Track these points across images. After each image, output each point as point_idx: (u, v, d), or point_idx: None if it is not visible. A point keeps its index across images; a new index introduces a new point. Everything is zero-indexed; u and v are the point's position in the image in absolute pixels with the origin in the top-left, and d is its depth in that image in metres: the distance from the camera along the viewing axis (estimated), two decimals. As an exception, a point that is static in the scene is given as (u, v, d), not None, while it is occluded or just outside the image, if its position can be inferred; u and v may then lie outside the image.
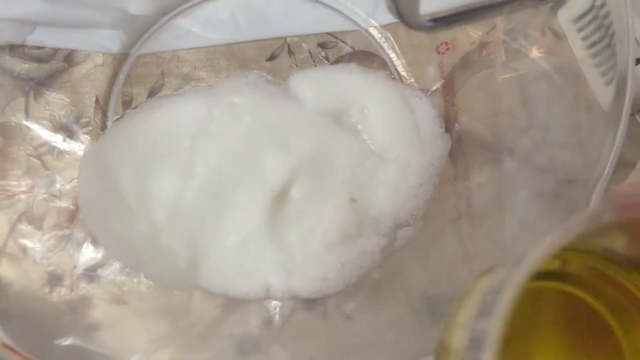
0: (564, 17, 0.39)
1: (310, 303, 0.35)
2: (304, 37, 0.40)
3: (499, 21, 0.38)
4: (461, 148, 0.38)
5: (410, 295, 0.34)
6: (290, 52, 0.40)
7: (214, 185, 0.36)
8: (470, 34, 0.38)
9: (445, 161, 0.38)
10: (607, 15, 0.36)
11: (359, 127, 0.38)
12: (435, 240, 0.36)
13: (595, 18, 0.37)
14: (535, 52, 0.38)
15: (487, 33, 0.38)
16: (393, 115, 0.38)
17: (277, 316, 0.34)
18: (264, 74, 0.39)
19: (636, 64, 0.32)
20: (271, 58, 0.40)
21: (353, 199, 0.36)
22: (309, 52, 0.40)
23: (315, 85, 0.38)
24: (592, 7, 0.37)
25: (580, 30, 0.37)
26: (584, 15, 0.37)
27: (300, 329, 0.34)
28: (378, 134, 0.38)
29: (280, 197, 0.35)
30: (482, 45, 0.38)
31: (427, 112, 0.39)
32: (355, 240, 0.35)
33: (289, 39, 0.40)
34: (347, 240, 0.35)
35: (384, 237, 0.36)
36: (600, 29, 0.36)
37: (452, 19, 0.17)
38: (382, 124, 0.38)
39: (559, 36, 0.37)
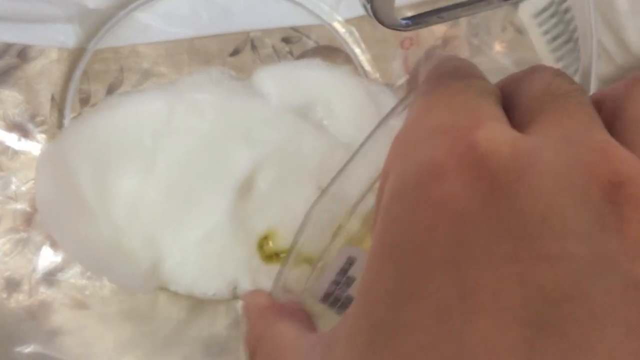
0: (525, 12, 0.39)
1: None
2: (267, 32, 0.40)
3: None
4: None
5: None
6: (253, 47, 0.39)
7: (176, 182, 0.35)
8: (434, 29, 0.38)
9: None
10: (567, 10, 0.37)
11: (325, 122, 0.38)
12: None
13: (555, 13, 0.38)
14: (497, 47, 0.38)
15: (451, 28, 0.38)
16: (359, 111, 0.38)
17: (245, 317, 0.34)
18: (227, 69, 0.39)
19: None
20: (234, 53, 0.39)
21: (322, 188, 0.36)
22: (273, 47, 0.40)
23: (279, 81, 0.38)
24: (552, 2, 0.38)
25: (540, 25, 0.38)
26: (544, 10, 0.38)
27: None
28: (344, 128, 0.37)
29: (246, 190, 0.35)
30: (446, 40, 0.38)
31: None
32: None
33: (252, 34, 0.39)
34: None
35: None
36: (560, 24, 0.37)
37: (425, 17, 0.17)
38: (347, 119, 0.38)
39: (520, 31, 0.38)
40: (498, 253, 0.12)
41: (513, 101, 0.15)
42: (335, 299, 0.20)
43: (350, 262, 0.20)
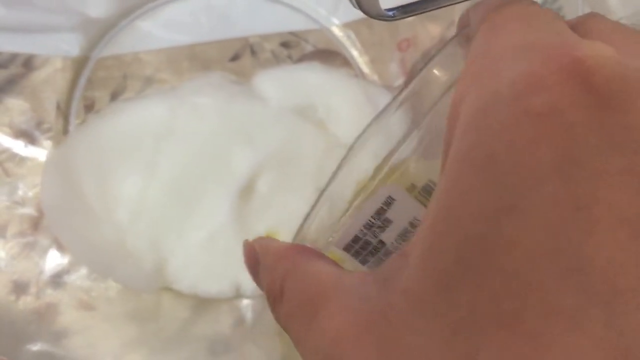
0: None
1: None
2: (266, 37, 0.40)
3: (458, 16, 0.39)
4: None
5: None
6: (252, 52, 0.40)
7: (179, 184, 0.35)
8: (430, 29, 0.39)
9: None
10: (559, 9, 0.38)
11: (324, 124, 0.38)
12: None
13: (549, 12, 0.38)
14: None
15: (448, 29, 0.39)
16: (357, 113, 0.39)
17: (249, 314, 0.34)
18: (227, 74, 0.39)
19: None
20: (234, 58, 0.40)
21: (321, 189, 0.36)
22: (272, 52, 0.40)
23: (279, 85, 0.39)
24: (545, 1, 0.38)
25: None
26: (538, 9, 0.39)
27: (273, 327, 0.34)
28: (343, 130, 0.38)
29: (247, 191, 0.36)
30: (443, 40, 0.39)
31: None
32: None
33: (251, 39, 0.40)
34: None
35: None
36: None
37: (411, 7, 0.17)
38: (346, 120, 0.38)
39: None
40: (612, 166, 0.11)
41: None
42: (363, 246, 0.19)
43: (388, 202, 0.18)
